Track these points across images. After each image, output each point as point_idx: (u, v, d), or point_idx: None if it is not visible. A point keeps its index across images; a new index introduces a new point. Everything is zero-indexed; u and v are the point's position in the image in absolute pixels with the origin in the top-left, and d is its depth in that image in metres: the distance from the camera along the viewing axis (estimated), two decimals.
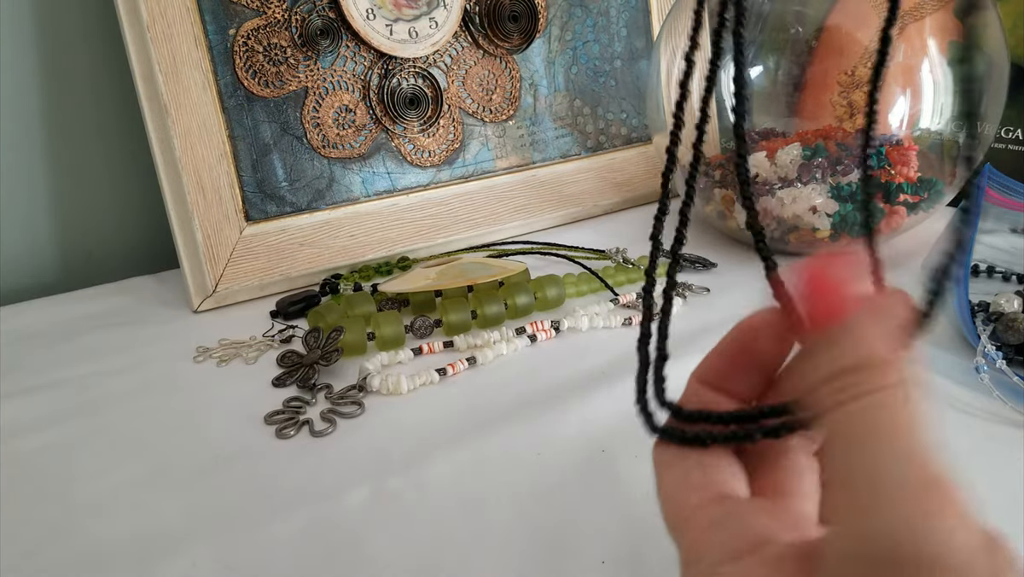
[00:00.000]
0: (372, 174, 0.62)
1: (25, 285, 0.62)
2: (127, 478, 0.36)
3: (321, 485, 0.34)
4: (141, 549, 0.31)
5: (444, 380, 0.43)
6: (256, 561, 0.30)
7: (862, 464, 0.14)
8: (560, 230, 0.67)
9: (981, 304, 0.47)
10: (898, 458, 0.14)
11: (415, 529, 0.32)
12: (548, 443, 0.37)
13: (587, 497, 0.33)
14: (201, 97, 0.54)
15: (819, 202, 0.54)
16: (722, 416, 0.20)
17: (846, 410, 0.15)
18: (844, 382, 0.15)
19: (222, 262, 0.55)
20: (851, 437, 0.15)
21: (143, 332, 0.52)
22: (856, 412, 0.15)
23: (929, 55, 0.55)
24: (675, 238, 0.22)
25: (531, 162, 0.69)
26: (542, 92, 0.69)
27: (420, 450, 0.37)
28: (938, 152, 0.57)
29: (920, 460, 0.14)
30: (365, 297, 0.51)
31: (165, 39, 0.52)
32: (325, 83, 0.59)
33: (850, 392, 0.15)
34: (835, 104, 0.62)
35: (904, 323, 0.16)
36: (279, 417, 0.40)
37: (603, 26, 0.72)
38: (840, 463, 0.15)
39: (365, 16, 0.59)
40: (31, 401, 0.43)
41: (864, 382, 0.15)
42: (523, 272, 0.53)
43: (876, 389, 0.15)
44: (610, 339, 0.48)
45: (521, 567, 0.29)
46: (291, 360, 0.45)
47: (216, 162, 0.55)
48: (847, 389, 0.15)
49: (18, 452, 0.38)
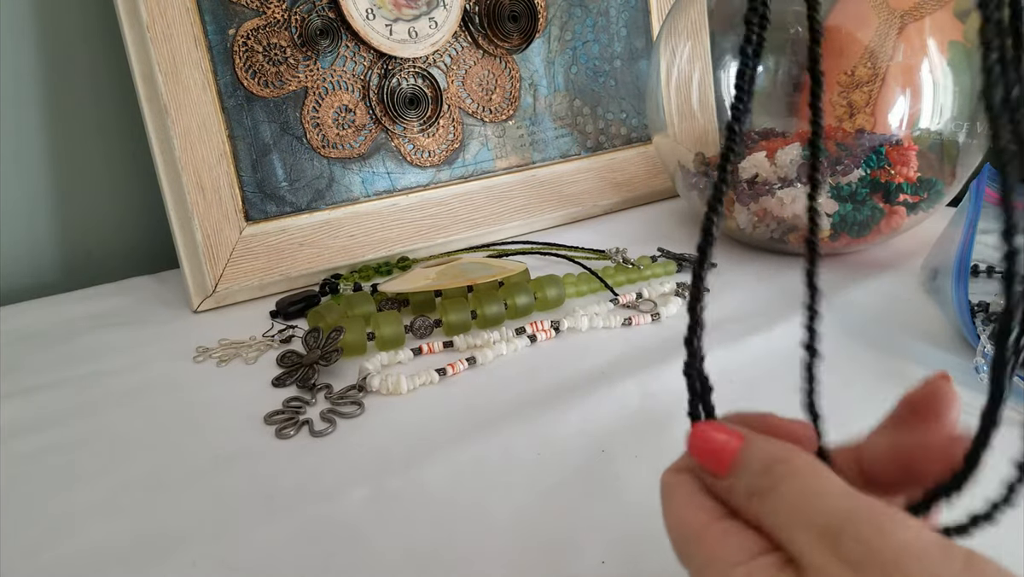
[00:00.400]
0: (372, 174, 0.62)
1: (25, 285, 0.62)
2: (127, 478, 0.36)
3: (321, 485, 0.34)
4: (141, 549, 0.31)
5: (444, 380, 0.43)
6: (256, 561, 0.30)
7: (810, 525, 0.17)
8: (560, 230, 0.67)
9: (981, 304, 0.47)
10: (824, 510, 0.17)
11: (415, 529, 0.32)
12: (548, 443, 0.37)
13: (587, 497, 0.33)
14: (201, 97, 0.54)
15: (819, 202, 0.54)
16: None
17: (775, 495, 0.18)
18: (762, 483, 0.18)
19: (222, 262, 0.55)
20: (787, 511, 0.18)
21: (143, 332, 0.52)
22: (784, 492, 0.18)
23: (929, 55, 0.55)
24: (699, 249, 0.22)
25: (531, 162, 0.69)
26: (542, 92, 0.69)
27: (420, 450, 0.37)
28: (938, 152, 0.57)
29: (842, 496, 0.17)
30: (365, 297, 0.51)
31: (165, 39, 0.52)
32: (325, 83, 0.59)
33: (770, 484, 0.18)
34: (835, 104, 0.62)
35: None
36: (279, 417, 0.40)
37: (603, 26, 0.72)
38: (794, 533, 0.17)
39: (365, 16, 0.59)
40: (31, 401, 0.43)
41: (775, 475, 0.18)
42: (523, 272, 0.53)
43: (790, 473, 0.18)
44: (610, 339, 0.48)
45: (521, 567, 0.29)
46: (291, 360, 0.45)
47: (216, 162, 0.55)
48: (767, 482, 0.18)
49: (18, 452, 0.38)
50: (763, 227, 0.58)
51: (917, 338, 0.45)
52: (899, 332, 0.46)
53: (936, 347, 0.44)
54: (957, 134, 0.56)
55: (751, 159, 0.58)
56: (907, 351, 0.44)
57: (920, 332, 0.46)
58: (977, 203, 0.48)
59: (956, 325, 0.45)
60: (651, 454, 0.36)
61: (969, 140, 0.56)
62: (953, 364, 0.42)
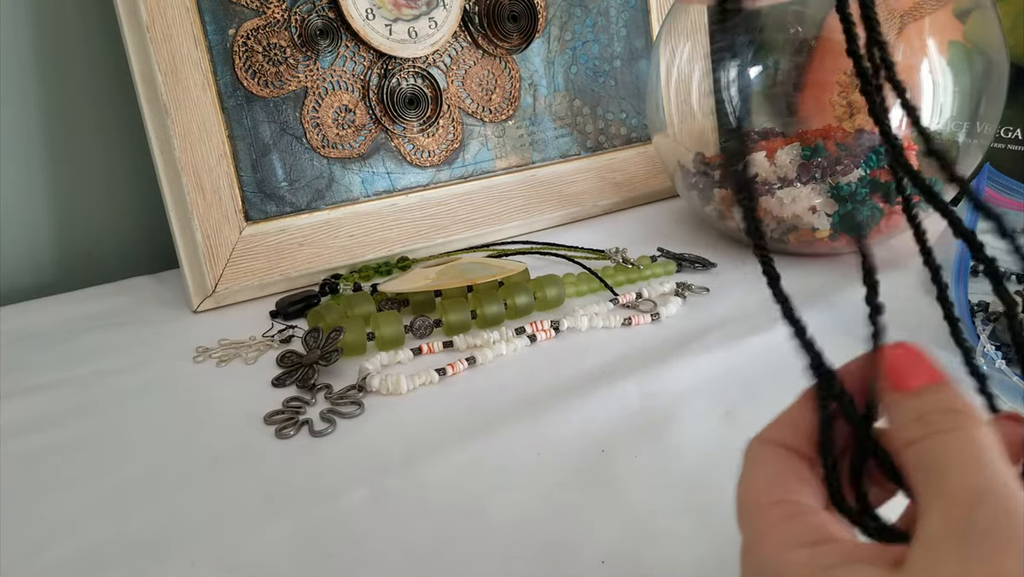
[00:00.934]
0: (372, 174, 0.62)
1: (25, 285, 0.62)
2: (127, 478, 0.36)
3: (321, 485, 0.34)
4: (141, 549, 0.31)
5: (444, 380, 0.43)
6: (256, 561, 0.30)
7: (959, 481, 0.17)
8: (560, 230, 0.67)
9: (981, 304, 0.47)
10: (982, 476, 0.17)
11: (415, 529, 0.32)
12: (548, 443, 0.37)
13: (587, 497, 0.33)
14: (201, 97, 0.54)
15: (818, 202, 0.54)
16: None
17: (940, 439, 0.18)
18: (933, 420, 0.18)
19: (222, 262, 0.55)
20: (950, 460, 0.17)
21: (143, 332, 0.51)
22: (949, 439, 0.18)
23: (929, 55, 0.55)
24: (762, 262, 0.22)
25: (531, 162, 0.69)
26: (541, 92, 0.69)
27: (420, 450, 0.37)
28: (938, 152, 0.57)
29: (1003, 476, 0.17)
30: (365, 297, 0.51)
31: (165, 39, 0.52)
32: (324, 83, 0.59)
33: (941, 426, 0.18)
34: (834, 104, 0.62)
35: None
36: (279, 417, 0.40)
37: (603, 26, 0.72)
38: (935, 480, 0.17)
39: (364, 16, 0.59)
40: (31, 401, 0.43)
41: (951, 420, 0.18)
42: (523, 272, 0.53)
43: (960, 426, 0.18)
44: (610, 339, 0.48)
45: (521, 567, 0.29)
46: (291, 360, 0.45)
47: (216, 162, 0.55)
48: (938, 424, 0.18)
49: (18, 452, 0.38)
50: (763, 227, 0.58)
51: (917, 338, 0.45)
52: (899, 332, 0.46)
53: (936, 347, 0.44)
54: (957, 134, 0.56)
55: (751, 159, 0.58)
56: None
57: (920, 332, 0.46)
58: None
59: None
60: (651, 454, 0.36)
61: (969, 140, 0.56)
62: (952, 364, 0.42)
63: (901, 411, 0.19)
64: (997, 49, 0.55)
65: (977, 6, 0.55)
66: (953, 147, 0.57)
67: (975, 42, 0.55)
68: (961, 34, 0.56)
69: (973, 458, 0.17)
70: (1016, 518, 0.16)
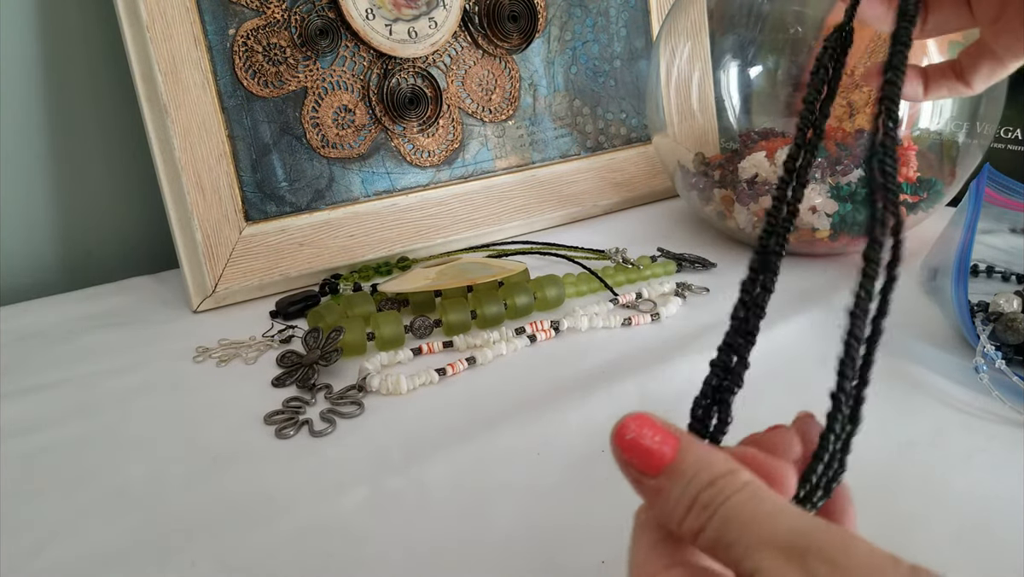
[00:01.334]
0: (372, 174, 0.62)
1: (25, 285, 0.62)
2: (127, 478, 0.36)
3: (321, 485, 0.34)
4: (141, 549, 0.31)
5: (444, 380, 0.43)
6: (256, 561, 0.30)
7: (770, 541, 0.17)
8: (560, 230, 0.67)
9: (980, 304, 0.47)
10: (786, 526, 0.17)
11: (415, 529, 0.32)
12: (548, 443, 0.37)
13: (587, 497, 0.33)
14: (200, 97, 0.54)
15: (819, 202, 0.54)
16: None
17: (724, 510, 0.18)
18: (704, 498, 0.18)
19: (222, 262, 0.55)
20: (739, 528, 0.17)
21: (143, 332, 0.51)
22: (734, 508, 0.18)
23: (929, 55, 0.55)
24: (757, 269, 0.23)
25: (531, 162, 0.69)
26: (541, 92, 0.69)
27: (420, 450, 0.37)
28: (937, 152, 0.57)
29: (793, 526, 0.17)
30: (365, 297, 0.51)
31: (165, 39, 0.52)
32: (324, 83, 0.59)
33: (719, 499, 0.18)
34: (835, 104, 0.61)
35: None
36: (279, 417, 0.40)
37: (602, 26, 0.72)
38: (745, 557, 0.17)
39: (364, 16, 0.59)
40: (31, 401, 0.43)
41: (718, 491, 0.18)
42: (523, 272, 0.53)
43: (737, 489, 0.18)
44: (610, 339, 0.48)
45: (521, 567, 0.29)
46: (291, 360, 0.45)
47: (216, 162, 0.55)
48: (715, 498, 0.18)
49: (18, 452, 0.38)
50: None
51: (917, 338, 0.45)
52: (899, 332, 0.46)
53: (936, 347, 0.44)
54: (957, 134, 0.56)
55: (751, 159, 0.58)
56: (907, 351, 0.44)
57: (920, 332, 0.46)
58: (977, 203, 0.48)
59: (956, 325, 0.45)
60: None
61: (969, 140, 0.56)
62: (953, 364, 0.42)
63: (669, 503, 0.19)
64: None
65: None
66: (953, 147, 0.57)
67: None
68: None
69: (766, 513, 0.17)
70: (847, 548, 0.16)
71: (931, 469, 0.34)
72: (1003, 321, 0.43)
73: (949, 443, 0.36)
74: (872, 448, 0.33)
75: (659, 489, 0.19)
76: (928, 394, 0.40)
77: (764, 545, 0.17)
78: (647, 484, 0.19)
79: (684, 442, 0.19)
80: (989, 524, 0.31)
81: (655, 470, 0.19)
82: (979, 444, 0.36)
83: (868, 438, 0.36)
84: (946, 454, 0.35)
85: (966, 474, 0.34)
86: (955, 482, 0.33)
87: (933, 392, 0.40)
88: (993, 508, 0.31)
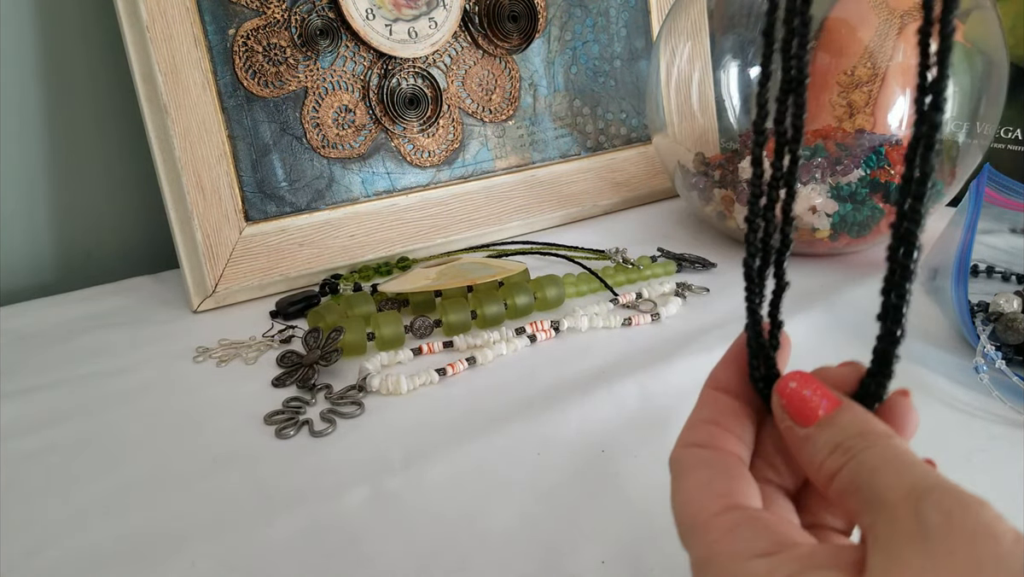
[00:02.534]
0: (372, 174, 0.62)
1: (25, 285, 0.62)
2: (127, 478, 0.36)
3: (321, 485, 0.34)
4: (141, 549, 0.31)
5: (444, 380, 0.43)
6: (256, 561, 0.30)
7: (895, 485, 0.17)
8: (560, 230, 0.67)
9: (980, 304, 0.47)
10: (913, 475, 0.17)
11: (415, 529, 0.32)
12: (548, 443, 0.37)
13: (587, 497, 0.33)
14: (201, 97, 0.54)
15: (819, 202, 0.54)
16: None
17: (863, 455, 0.18)
18: (849, 445, 0.18)
19: (222, 262, 0.55)
20: (870, 471, 0.18)
21: (143, 332, 0.51)
22: (872, 454, 0.18)
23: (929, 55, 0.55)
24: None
25: (531, 162, 0.69)
26: (541, 92, 0.69)
27: (420, 450, 0.37)
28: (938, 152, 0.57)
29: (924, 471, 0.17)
30: (365, 297, 0.51)
31: (165, 39, 0.52)
32: (325, 83, 0.59)
33: (861, 444, 0.18)
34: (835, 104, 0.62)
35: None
36: (279, 417, 0.40)
37: (603, 26, 0.72)
38: (869, 496, 0.17)
39: (365, 16, 0.59)
40: (31, 401, 0.43)
41: (865, 440, 0.18)
42: (523, 272, 0.53)
43: (874, 443, 0.18)
44: (610, 339, 0.48)
45: (521, 567, 0.29)
46: (291, 360, 0.45)
47: (216, 162, 0.55)
48: (855, 446, 0.18)
49: (18, 452, 0.38)
50: None
51: (917, 338, 0.45)
52: None
53: (936, 347, 0.44)
54: (957, 134, 0.56)
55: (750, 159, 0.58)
56: (907, 351, 0.44)
57: (920, 332, 0.46)
58: (977, 203, 0.48)
59: (956, 325, 0.45)
60: (651, 454, 0.36)
61: (969, 140, 0.56)
62: (953, 364, 0.42)
63: (815, 447, 0.19)
64: (997, 49, 0.55)
65: (977, 6, 0.55)
66: (953, 147, 0.57)
67: (975, 42, 0.55)
68: (961, 34, 0.56)
69: (900, 463, 0.17)
70: (967, 504, 0.16)
71: None
72: (1003, 321, 0.43)
73: (949, 443, 0.36)
74: None
75: (808, 437, 0.19)
76: (928, 394, 0.40)
77: (888, 488, 0.17)
78: (797, 433, 0.20)
79: (846, 404, 0.20)
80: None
81: (809, 421, 0.20)
82: (979, 444, 0.36)
83: None
84: (946, 454, 0.35)
85: (966, 474, 0.34)
86: (955, 482, 0.33)
87: (933, 392, 0.40)
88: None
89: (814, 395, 0.20)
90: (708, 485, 0.20)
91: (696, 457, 0.20)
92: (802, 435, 0.20)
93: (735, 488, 0.19)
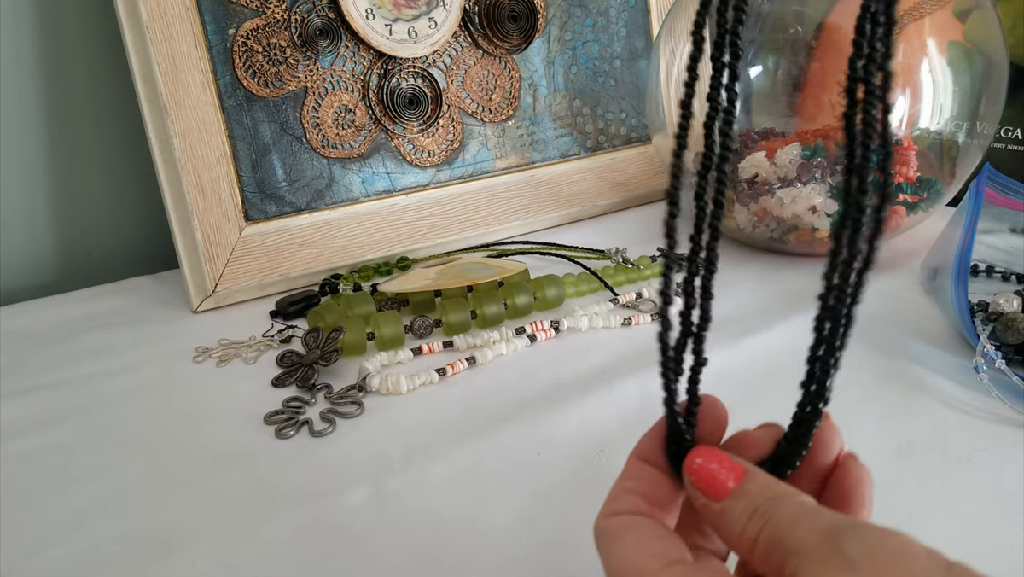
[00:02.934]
0: (371, 174, 0.62)
1: (25, 285, 0.62)
2: (127, 478, 0.36)
3: (321, 485, 0.34)
4: (141, 549, 0.31)
5: (444, 380, 0.43)
6: (256, 561, 0.30)
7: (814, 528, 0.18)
8: (560, 230, 0.67)
9: (980, 304, 0.47)
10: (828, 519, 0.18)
11: (415, 529, 0.32)
12: (548, 443, 0.37)
13: (587, 497, 0.33)
14: (200, 97, 0.54)
15: (818, 202, 0.54)
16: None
17: (778, 515, 0.19)
18: (763, 508, 0.19)
19: (222, 262, 0.55)
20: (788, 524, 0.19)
21: (143, 332, 0.51)
22: (786, 510, 0.19)
23: (928, 55, 0.55)
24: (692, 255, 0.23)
25: (530, 162, 0.69)
26: (541, 92, 0.69)
27: (420, 450, 0.37)
28: (937, 152, 0.57)
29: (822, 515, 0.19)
30: (365, 297, 0.51)
31: (165, 39, 0.52)
32: (324, 83, 0.59)
33: (775, 505, 0.19)
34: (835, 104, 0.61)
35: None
36: (279, 417, 0.40)
37: (602, 26, 0.72)
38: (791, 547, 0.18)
39: (364, 16, 0.59)
40: (31, 401, 0.43)
41: (776, 501, 0.19)
42: (523, 272, 0.53)
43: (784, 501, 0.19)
44: (610, 339, 0.48)
45: (521, 567, 0.29)
46: (291, 360, 0.45)
47: (216, 162, 0.55)
48: (768, 508, 0.19)
49: (18, 452, 0.38)
50: (763, 227, 0.58)
51: (917, 338, 0.45)
52: (899, 332, 0.46)
53: (935, 347, 0.44)
54: (957, 134, 0.56)
55: (751, 159, 0.58)
56: (907, 351, 0.44)
57: (920, 332, 0.46)
58: (977, 203, 0.48)
59: (956, 325, 0.45)
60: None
61: (969, 140, 0.56)
62: (952, 364, 0.42)
63: (732, 517, 0.20)
64: (997, 49, 0.55)
65: (977, 6, 0.55)
66: (953, 147, 0.57)
67: (975, 42, 0.55)
68: (961, 34, 0.56)
69: (814, 512, 0.19)
70: (881, 534, 0.17)
71: (931, 469, 0.34)
72: (1003, 321, 0.43)
73: (949, 443, 0.36)
74: (872, 448, 0.33)
75: (723, 511, 0.20)
76: (928, 394, 0.40)
77: (809, 527, 0.18)
78: (712, 508, 0.21)
79: (750, 471, 0.21)
80: (989, 524, 0.31)
81: (720, 495, 0.20)
82: (979, 444, 0.36)
83: (868, 438, 0.36)
84: (946, 454, 0.35)
85: (966, 474, 0.34)
86: (955, 482, 0.33)
87: (933, 392, 0.40)
88: (993, 508, 0.31)
89: (721, 468, 0.21)
90: (643, 546, 0.20)
91: (624, 523, 0.21)
92: (717, 509, 0.20)
93: (669, 547, 0.20)
